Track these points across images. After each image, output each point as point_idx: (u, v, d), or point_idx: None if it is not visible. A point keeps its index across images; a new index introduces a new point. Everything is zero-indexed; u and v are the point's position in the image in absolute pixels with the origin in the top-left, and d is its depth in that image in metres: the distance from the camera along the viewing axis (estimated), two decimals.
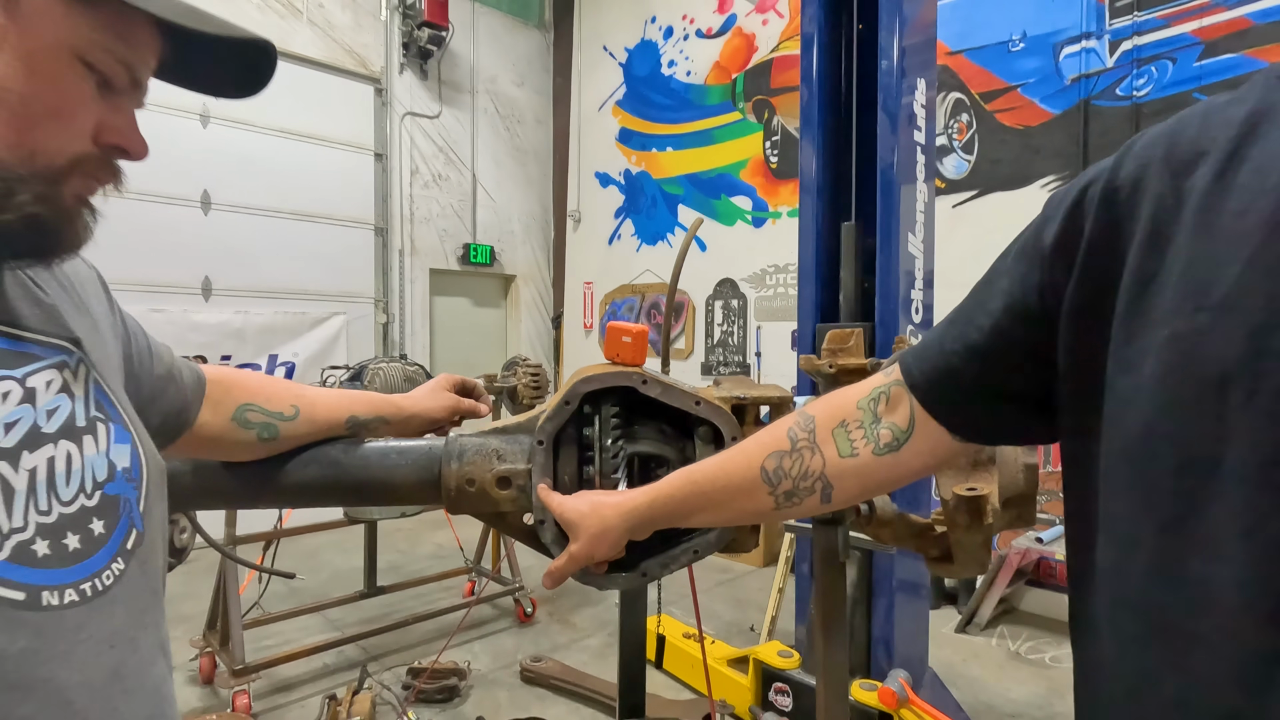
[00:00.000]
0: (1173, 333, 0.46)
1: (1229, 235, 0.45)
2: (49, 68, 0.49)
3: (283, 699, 2.88)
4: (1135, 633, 0.48)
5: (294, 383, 0.95)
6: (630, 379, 0.93)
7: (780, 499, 0.74)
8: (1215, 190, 0.47)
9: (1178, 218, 0.49)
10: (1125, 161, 0.55)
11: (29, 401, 0.50)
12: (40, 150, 0.50)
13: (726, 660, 2.84)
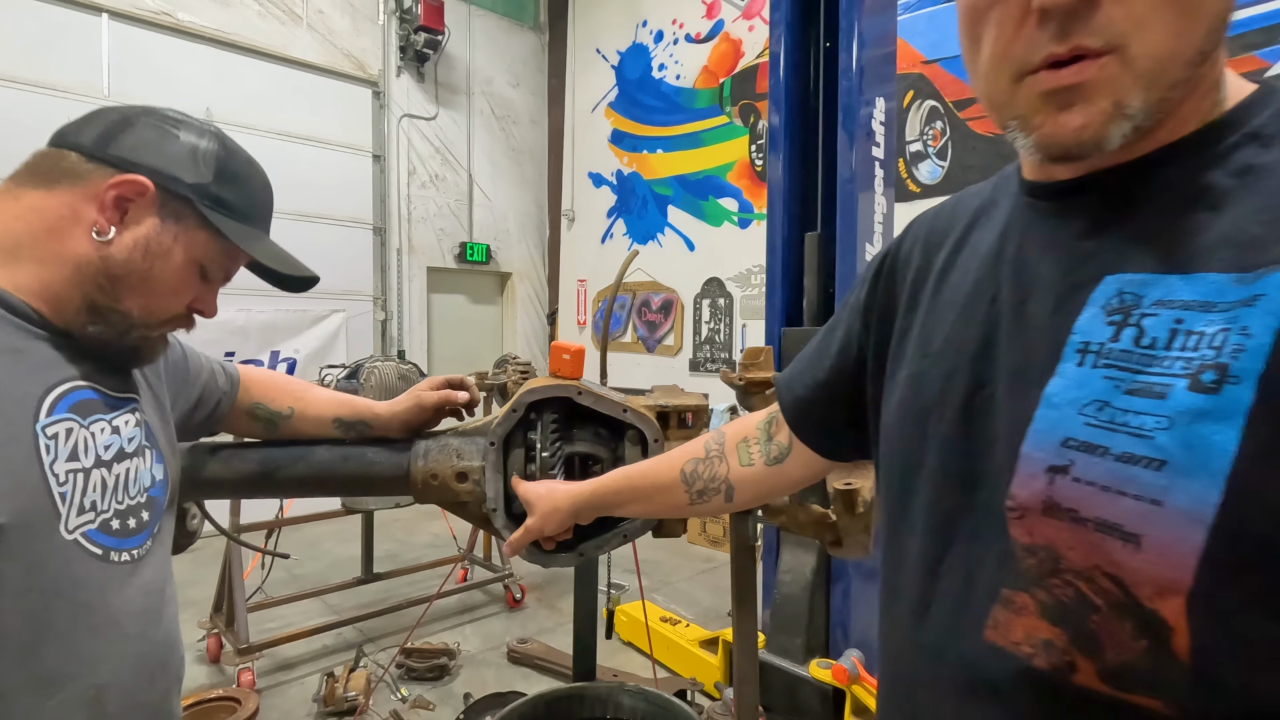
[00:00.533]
0: (908, 373, 0.64)
1: (946, 302, 0.63)
2: (185, 272, 0.79)
3: (284, 676, 3.08)
4: (881, 595, 0.66)
5: (298, 385, 1.14)
6: (568, 390, 1.11)
7: (694, 496, 0.93)
8: (947, 266, 0.65)
9: (925, 286, 0.67)
10: (905, 239, 0.73)
11: (117, 433, 0.77)
12: (155, 312, 0.79)
13: (699, 641, 3.04)
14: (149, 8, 4.85)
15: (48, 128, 2.42)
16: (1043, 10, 0.46)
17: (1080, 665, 0.47)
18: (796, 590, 2.65)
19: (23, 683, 0.65)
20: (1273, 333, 0.41)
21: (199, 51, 5.10)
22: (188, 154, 0.77)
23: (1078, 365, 0.48)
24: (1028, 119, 0.50)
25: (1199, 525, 0.41)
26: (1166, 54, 0.45)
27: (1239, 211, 0.45)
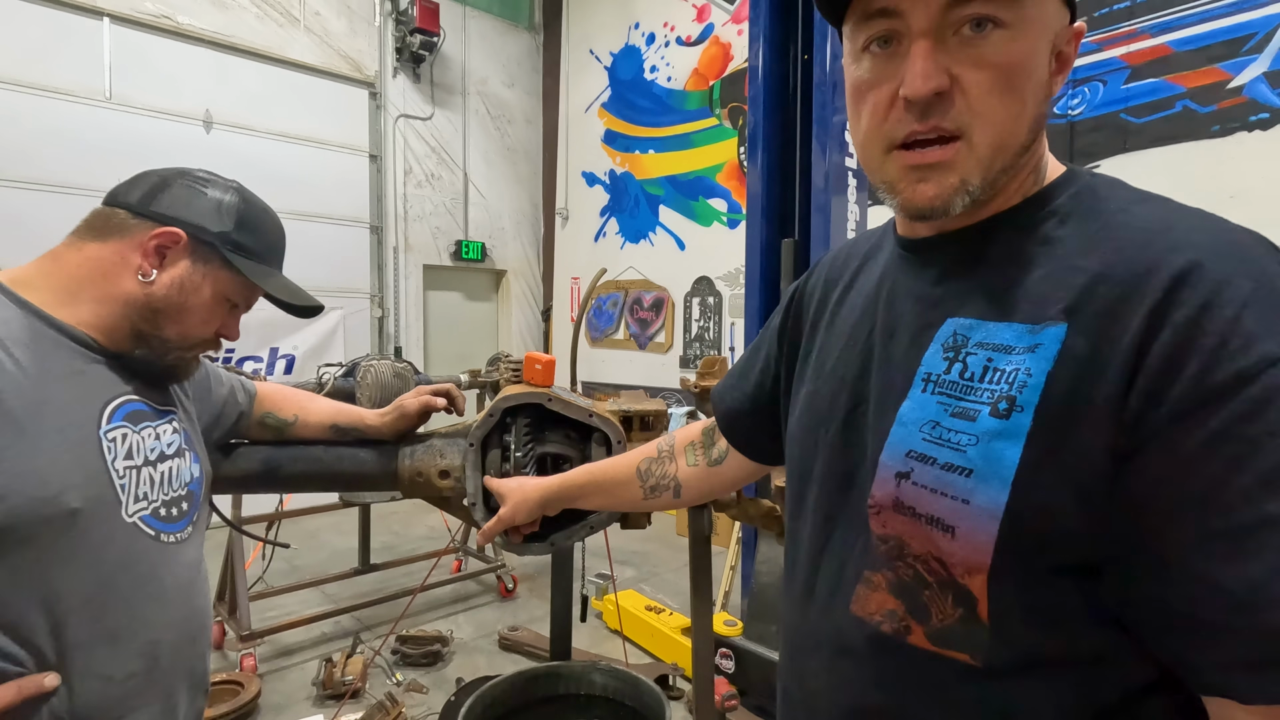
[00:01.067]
0: (807, 391, 0.77)
1: (837, 332, 0.76)
2: (213, 304, 0.95)
3: (284, 662, 3.22)
4: (783, 577, 0.79)
5: (302, 395, 1.29)
6: (539, 397, 1.23)
7: (647, 491, 1.06)
8: (840, 300, 0.78)
9: (824, 316, 0.80)
10: (812, 274, 0.86)
11: (159, 438, 0.95)
12: (189, 337, 0.95)
13: (681, 629, 3.18)
14: (149, 11, 4.94)
15: (51, 130, 2.72)
16: (907, 100, 0.57)
17: (914, 629, 0.60)
18: (772, 581, 2.78)
19: (96, 636, 0.82)
20: (1045, 374, 0.53)
21: (198, 54, 5.20)
22: (214, 208, 0.94)
23: (922, 391, 0.61)
24: (893, 185, 0.61)
25: (994, 519, 0.53)
26: (999, 143, 0.57)
27: (1037, 274, 0.58)
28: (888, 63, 0.59)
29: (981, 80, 0.56)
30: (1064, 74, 0.61)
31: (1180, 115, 3.39)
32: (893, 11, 0.57)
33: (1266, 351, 0.46)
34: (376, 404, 3.37)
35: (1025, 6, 0.56)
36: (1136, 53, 3.51)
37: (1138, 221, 0.55)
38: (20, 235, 4.39)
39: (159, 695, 0.89)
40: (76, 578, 0.80)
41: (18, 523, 0.74)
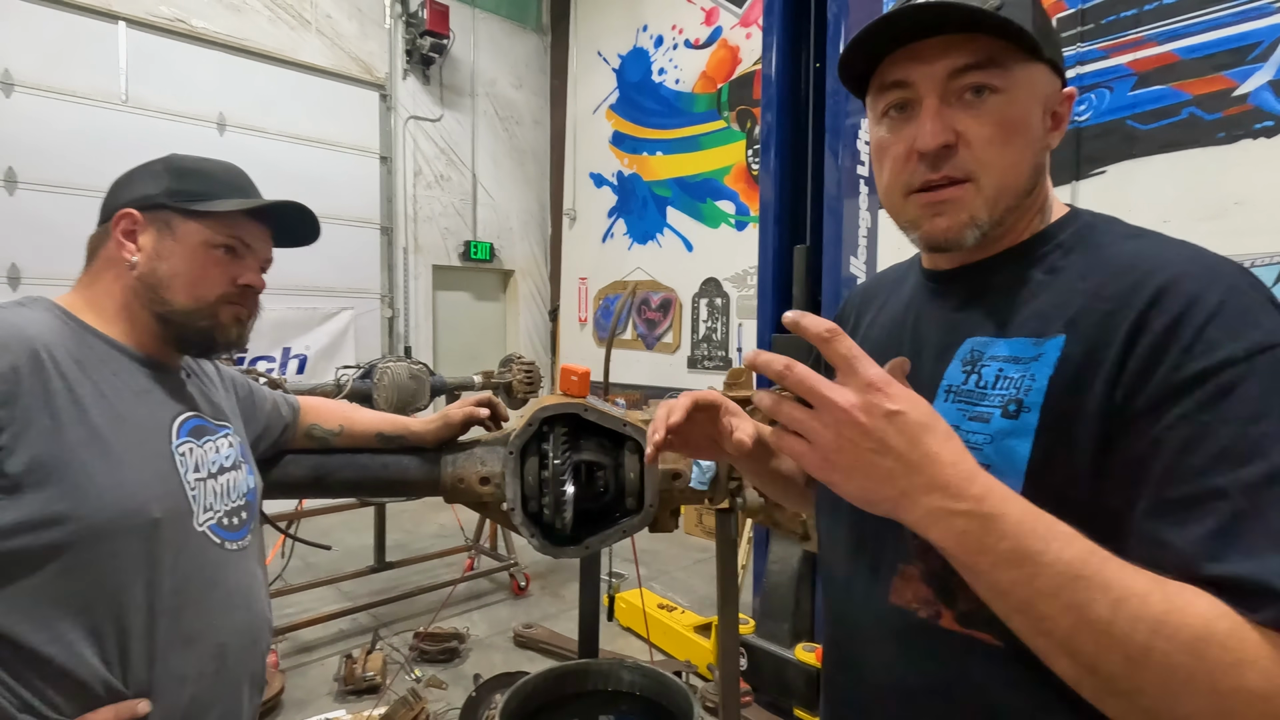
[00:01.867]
0: None
1: (869, 352, 0.82)
2: (197, 256, 0.95)
3: (305, 658, 3.28)
4: (821, 573, 0.86)
5: (345, 406, 1.35)
6: (576, 407, 1.29)
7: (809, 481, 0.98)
8: (871, 323, 0.88)
9: (858, 333, 0.88)
10: (850, 300, 0.95)
11: (218, 452, 0.98)
12: (201, 296, 0.95)
13: (693, 627, 3.24)
14: (164, 15, 5.00)
15: (69, 134, 2.84)
16: (920, 153, 0.67)
17: (944, 613, 0.67)
18: (784, 580, 2.84)
19: (173, 638, 0.87)
20: (1048, 379, 0.61)
21: (212, 57, 5.25)
22: (148, 177, 0.96)
23: (944, 401, 0.70)
24: (914, 222, 0.71)
25: None
26: (1002, 186, 0.67)
27: (1043, 297, 0.67)
28: (904, 124, 0.69)
29: (983, 134, 0.66)
30: (1059, 130, 0.71)
31: (1186, 122, 3.44)
32: (905, 83, 0.68)
33: (1228, 354, 0.53)
34: (393, 405, 3.46)
35: (1015, 75, 0.65)
36: (1143, 60, 3.55)
37: (1128, 252, 0.64)
38: (42, 237, 4.46)
39: (226, 695, 0.94)
40: (157, 584, 0.85)
41: (107, 532, 0.80)
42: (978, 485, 0.53)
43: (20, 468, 0.76)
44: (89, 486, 0.79)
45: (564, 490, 1.25)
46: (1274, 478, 0.50)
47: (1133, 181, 3.60)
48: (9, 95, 4.42)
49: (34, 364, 0.79)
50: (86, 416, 0.82)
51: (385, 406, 3.38)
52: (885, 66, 0.70)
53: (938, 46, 0.66)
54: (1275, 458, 0.51)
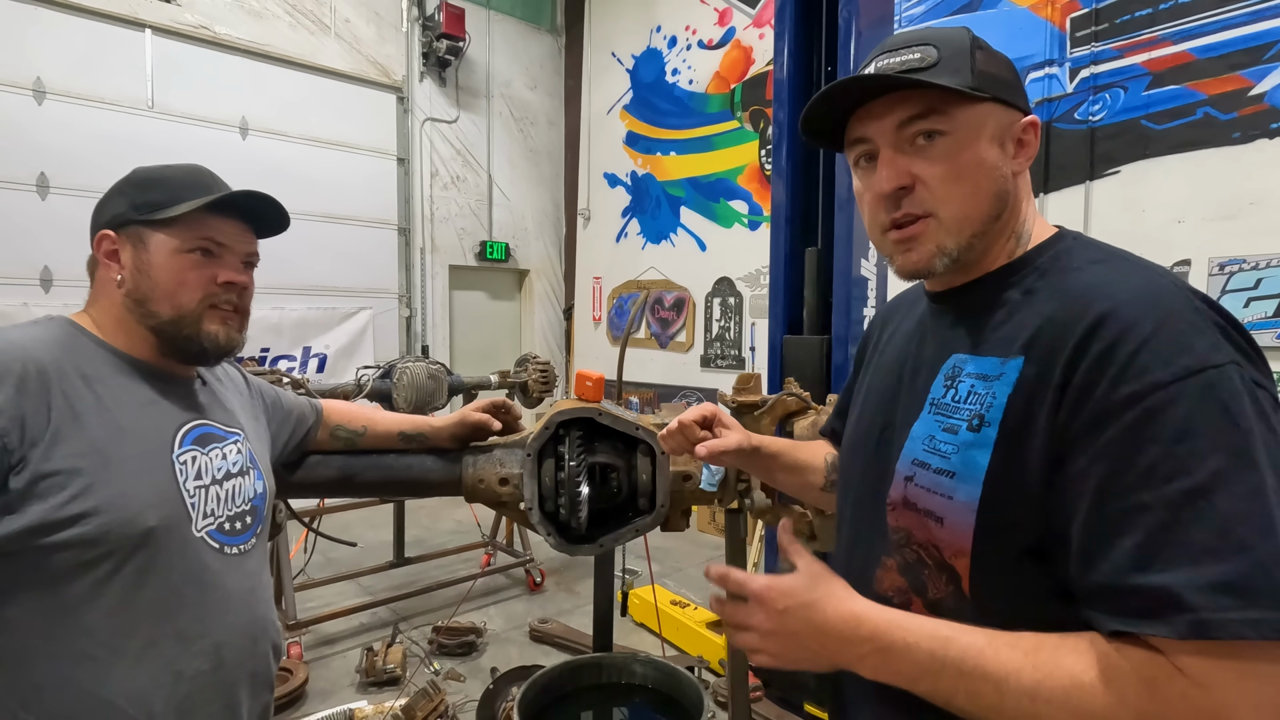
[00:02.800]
0: (856, 414, 0.91)
1: (883, 365, 0.91)
2: (172, 265, 0.97)
3: (327, 650, 3.38)
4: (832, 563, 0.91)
5: (368, 409, 1.41)
6: (590, 412, 1.35)
7: (828, 484, 1.11)
8: (888, 340, 0.94)
9: (876, 352, 0.95)
10: (877, 317, 1.03)
11: (225, 459, 1.03)
12: (181, 305, 0.98)
13: (705, 623, 3.29)
14: (188, 22, 5.11)
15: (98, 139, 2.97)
16: (880, 195, 0.75)
17: (914, 601, 0.74)
18: None
19: (168, 635, 0.92)
20: (1007, 397, 0.67)
21: (234, 63, 5.37)
22: (115, 195, 1.00)
23: (928, 413, 0.77)
24: (891, 256, 0.79)
25: (971, 511, 0.68)
26: (962, 217, 0.73)
27: (1015, 319, 0.72)
28: (871, 173, 0.77)
29: (936, 174, 0.73)
30: (1024, 155, 0.76)
31: (1201, 122, 3.43)
32: (865, 138, 0.77)
33: (1155, 379, 0.58)
34: (412, 404, 3.53)
35: (957, 117, 0.72)
36: (1158, 60, 3.54)
37: (1085, 278, 0.68)
38: (72, 241, 4.59)
39: (223, 694, 0.99)
40: (149, 586, 0.90)
41: (104, 538, 0.86)
42: (865, 629, 0.67)
43: (23, 484, 0.81)
44: (87, 497, 0.84)
45: (579, 491, 1.31)
46: (1195, 493, 0.55)
47: (1147, 182, 3.59)
48: (41, 103, 4.56)
49: (38, 382, 0.84)
50: (86, 430, 0.87)
51: (404, 406, 3.46)
52: (851, 125, 0.78)
53: (885, 103, 0.74)
54: (1198, 475, 0.55)
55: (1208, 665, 0.53)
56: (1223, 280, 3.36)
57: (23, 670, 0.83)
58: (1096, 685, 0.57)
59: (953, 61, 0.72)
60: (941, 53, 0.72)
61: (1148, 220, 3.58)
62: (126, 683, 0.88)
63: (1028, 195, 0.78)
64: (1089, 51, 3.78)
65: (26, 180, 4.54)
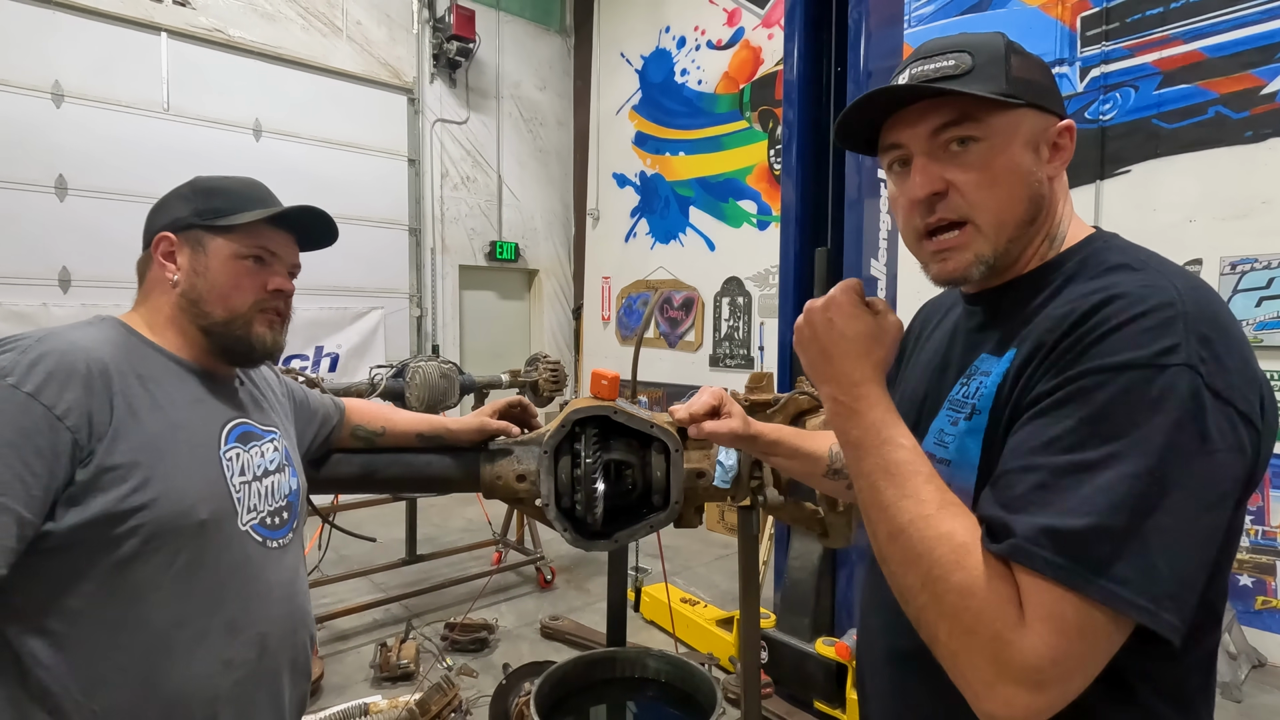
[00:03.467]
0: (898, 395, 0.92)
1: (919, 362, 0.95)
2: (228, 269, 1.02)
3: (342, 646, 3.42)
4: None
5: (386, 409, 1.44)
6: (606, 410, 1.37)
7: (830, 472, 1.15)
8: (925, 339, 0.96)
9: (915, 350, 0.98)
10: (917, 316, 1.04)
11: (264, 456, 1.06)
12: (234, 307, 1.03)
13: (715, 621, 3.31)
14: (203, 25, 5.17)
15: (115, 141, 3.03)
16: (914, 201, 0.77)
17: None
18: (804, 575, 2.90)
19: (217, 626, 0.96)
20: (995, 387, 0.72)
21: (248, 65, 5.42)
22: (177, 200, 1.04)
23: (945, 409, 0.80)
24: (926, 264, 0.81)
25: (968, 496, 0.71)
26: (999, 222, 0.75)
27: (1036, 321, 0.73)
28: (906, 178, 0.78)
29: (970, 180, 0.74)
30: (1059, 158, 0.77)
31: (1212, 121, 3.42)
32: (899, 144, 0.78)
33: (1102, 363, 0.61)
34: (425, 403, 3.57)
35: (992, 123, 0.73)
36: (1169, 58, 3.54)
37: (1100, 281, 0.69)
38: (90, 242, 4.67)
39: (268, 681, 1.03)
40: (200, 577, 0.94)
41: (160, 530, 0.89)
42: (861, 389, 0.75)
43: (88, 477, 0.85)
44: (145, 490, 0.88)
45: (595, 487, 1.33)
46: (1080, 466, 0.59)
47: (1157, 181, 3.58)
48: (59, 105, 4.62)
49: (101, 381, 0.88)
50: (143, 427, 0.91)
51: (417, 404, 3.50)
52: (885, 130, 0.79)
53: (919, 110, 0.75)
54: (1090, 455, 0.59)
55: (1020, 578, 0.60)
56: (1234, 280, 3.35)
57: (85, 659, 0.86)
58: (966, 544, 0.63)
59: (987, 68, 0.73)
60: (976, 59, 0.73)
61: (1159, 220, 3.57)
62: (181, 671, 0.92)
63: (1064, 197, 0.79)
64: (1099, 51, 3.78)
65: (45, 182, 4.61)
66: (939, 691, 0.73)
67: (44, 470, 0.81)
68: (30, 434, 0.81)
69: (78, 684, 0.86)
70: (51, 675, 0.85)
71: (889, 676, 0.83)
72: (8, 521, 0.79)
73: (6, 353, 0.85)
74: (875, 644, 0.87)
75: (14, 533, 0.79)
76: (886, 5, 2.92)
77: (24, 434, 0.80)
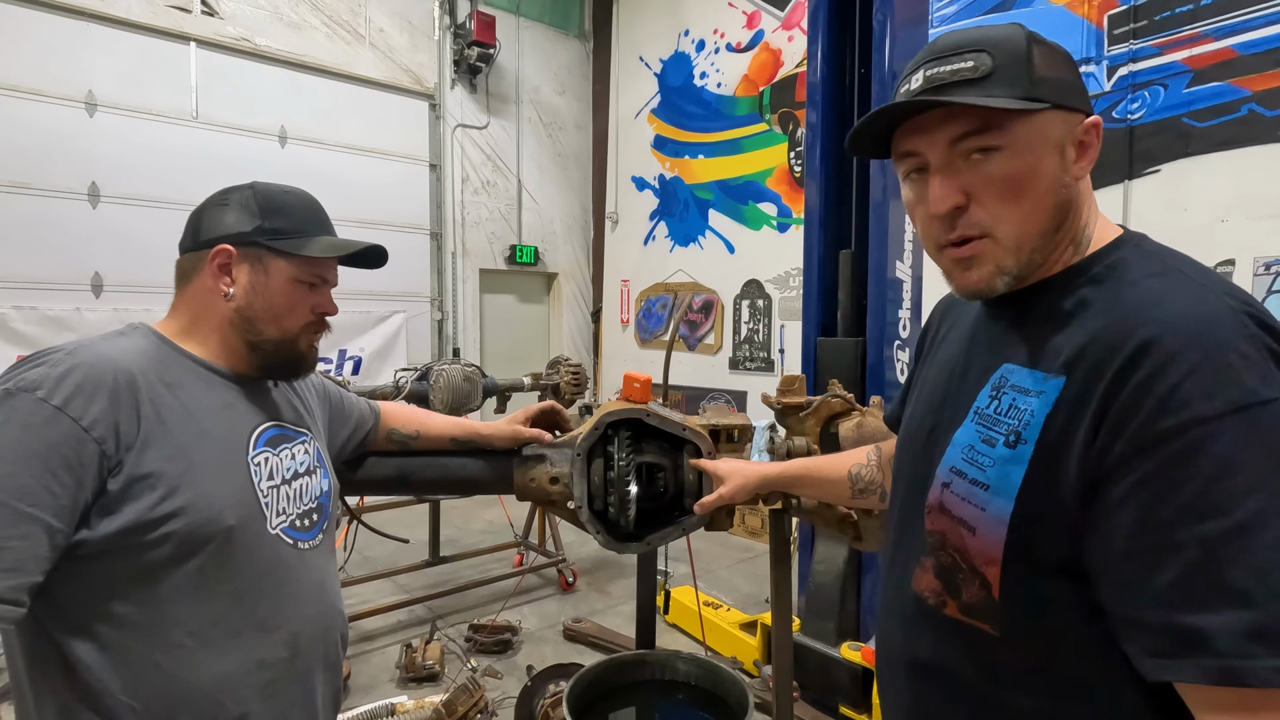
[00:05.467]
0: (909, 411, 0.93)
1: (936, 364, 0.92)
2: (286, 292, 1.04)
3: (367, 646, 3.45)
4: (879, 560, 0.94)
5: (420, 412, 1.45)
6: (639, 413, 1.38)
7: (855, 493, 1.19)
8: (944, 338, 0.94)
9: (933, 350, 0.96)
10: (935, 311, 1.01)
11: (294, 459, 1.07)
12: (285, 328, 1.05)
13: (739, 624, 3.30)
14: (230, 35, 5.27)
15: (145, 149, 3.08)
16: (933, 216, 0.74)
17: (949, 603, 0.76)
18: (830, 579, 2.89)
19: (250, 626, 0.98)
20: (1044, 416, 0.67)
21: (274, 73, 5.51)
22: (239, 212, 1.03)
23: (971, 421, 0.77)
24: (948, 273, 0.78)
25: (1003, 525, 0.69)
26: (1021, 235, 0.71)
27: (1062, 331, 0.71)
28: (923, 187, 0.75)
29: (991, 192, 0.70)
30: (1086, 158, 0.73)
31: (1245, 119, 3.36)
32: (915, 153, 0.74)
33: (1196, 413, 0.57)
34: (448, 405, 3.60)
35: (1015, 131, 0.69)
36: (1199, 56, 3.48)
37: (1136, 295, 0.66)
38: (122, 247, 4.76)
39: (301, 679, 1.04)
40: (231, 580, 0.95)
41: (190, 536, 0.91)
42: None
43: (119, 486, 0.87)
44: (174, 498, 0.89)
45: (628, 490, 1.34)
46: (1232, 533, 0.54)
47: (1188, 180, 3.53)
48: (92, 115, 4.73)
49: (128, 391, 0.89)
50: (172, 435, 0.92)
51: (440, 407, 3.53)
52: (899, 136, 0.76)
53: (937, 117, 0.71)
54: (1237, 515, 0.54)
55: (1237, 711, 0.54)
56: (1268, 280, 3.29)
57: (124, 659, 0.89)
58: None
59: (1009, 69, 0.68)
60: (996, 60, 0.68)
61: (1190, 220, 3.51)
62: (215, 670, 0.94)
63: (1089, 198, 0.74)
64: (1127, 49, 3.73)
65: (79, 189, 4.71)
66: (959, 705, 0.73)
67: (72, 481, 0.83)
68: (58, 446, 0.82)
69: (117, 681, 0.88)
70: (93, 675, 0.87)
71: (910, 689, 0.82)
72: (38, 531, 0.81)
73: (38, 366, 0.86)
74: (894, 654, 0.85)
75: (45, 541, 0.81)
76: (910, 5, 2.90)
77: (52, 446, 0.82)
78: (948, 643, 0.76)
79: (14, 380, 0.85)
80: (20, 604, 0.80)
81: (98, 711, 0.88)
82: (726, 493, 1.24)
